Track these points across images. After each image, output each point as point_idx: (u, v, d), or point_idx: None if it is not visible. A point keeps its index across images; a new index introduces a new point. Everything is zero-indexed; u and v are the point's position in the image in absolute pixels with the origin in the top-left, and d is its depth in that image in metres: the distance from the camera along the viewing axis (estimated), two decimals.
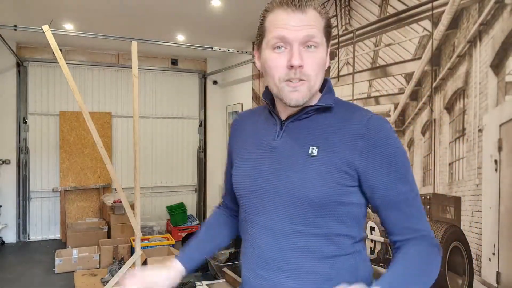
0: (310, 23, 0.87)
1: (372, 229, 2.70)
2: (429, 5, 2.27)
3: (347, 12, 2.98)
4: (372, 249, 2.70)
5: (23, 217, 5.02)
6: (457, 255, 2.11)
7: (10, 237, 4.91)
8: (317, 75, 0.91)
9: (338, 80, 3.07)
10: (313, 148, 0.91)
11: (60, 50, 2.82)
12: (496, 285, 1.89)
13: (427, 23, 2.29)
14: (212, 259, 3.88)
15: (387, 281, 0.81)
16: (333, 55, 3.14)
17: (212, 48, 4.04)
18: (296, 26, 0.86)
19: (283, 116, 0.98)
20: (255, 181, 0.96)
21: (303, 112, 0.95)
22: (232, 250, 4.18)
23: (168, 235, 4.70)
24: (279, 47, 0.88)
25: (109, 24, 4.04)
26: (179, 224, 5.08)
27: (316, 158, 0.90)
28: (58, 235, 5.16)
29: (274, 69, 0.89)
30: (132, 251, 4.10)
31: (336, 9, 3.10)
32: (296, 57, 0.86)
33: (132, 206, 3.11)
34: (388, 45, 2.59)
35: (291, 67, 0.87)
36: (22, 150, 4.98)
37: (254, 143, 1.01)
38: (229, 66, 5.14)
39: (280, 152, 0.95)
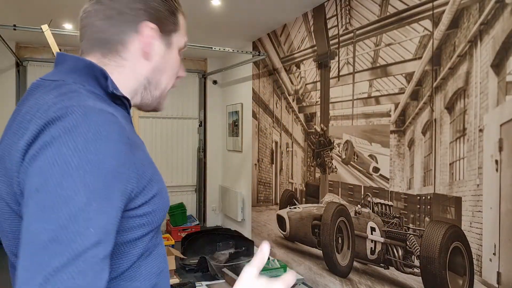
0: None
1: (373, 229, 2.69)
2: (430, 5, 2.27)
3: (347, 12, 2.97)
4: (373, 249, 2.69)
5: None
6: (457, 255, 2.10)
7: None
8: None
9: (338, 80, 3.06)
10: None
11: (60, 50, 2.82)
12: (496, 285, 1.89)
13: (427, 23, 2.29)
14: (212, 259, 3.87)
15: None
16: (333, 55, 3.13)
17: (212, 47, 4.03)
18: None
19: None
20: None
21: None
22: (232, 250, 4.17)
23: (168, 235, 4.69)
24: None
25: None
26: (179, 224, 5.07)
27: None
28: None
29: (173, 73, 0.86)
30: None
31: (336, 8, 3.09)
32: (184, 72, 0.89)
33: None
34: (389, 44, 2.58)
35: (177, 77, 0.88)
36: None
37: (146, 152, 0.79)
38: (229, 66, 5.13)
39: None
